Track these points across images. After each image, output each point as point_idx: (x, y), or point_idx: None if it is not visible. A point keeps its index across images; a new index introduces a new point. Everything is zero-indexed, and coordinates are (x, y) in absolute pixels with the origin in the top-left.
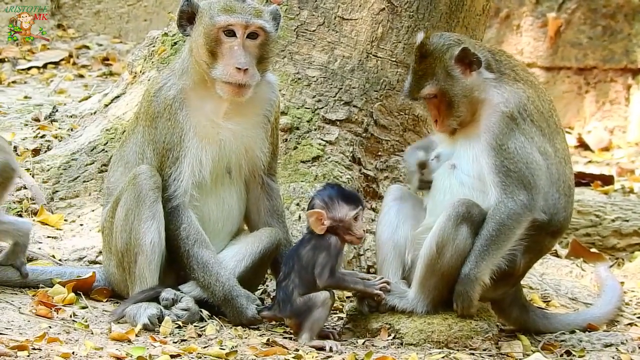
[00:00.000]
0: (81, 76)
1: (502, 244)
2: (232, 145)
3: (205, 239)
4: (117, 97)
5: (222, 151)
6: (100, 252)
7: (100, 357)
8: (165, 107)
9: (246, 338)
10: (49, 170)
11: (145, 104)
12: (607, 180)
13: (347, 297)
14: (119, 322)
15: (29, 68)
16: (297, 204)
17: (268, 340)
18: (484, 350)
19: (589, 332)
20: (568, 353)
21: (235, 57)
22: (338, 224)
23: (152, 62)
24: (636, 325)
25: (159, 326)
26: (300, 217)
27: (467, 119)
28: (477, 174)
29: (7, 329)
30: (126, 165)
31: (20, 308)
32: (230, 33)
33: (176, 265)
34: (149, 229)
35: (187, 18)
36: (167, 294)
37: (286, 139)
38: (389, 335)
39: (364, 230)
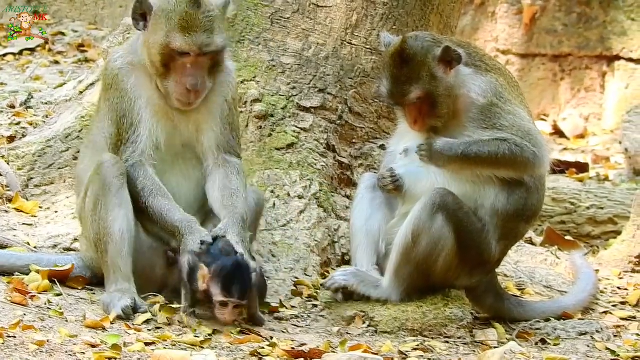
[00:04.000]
0: (57, 62)
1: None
2: (183, 122)
3: (162, 189)
4: (92, 84)
5: (176, 128)
6: (76, 239)
7: (74, 344)
8: (112, 77)
9: (220, 326)
10: (24, 157)
11: (101, 82)
12: (582, 167)
13: (322, 285)
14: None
15: (5, 55)
16: (272, 192)
17: (242, 329)
18: (459, 338)
19: (564, 320)
20: (543, 341)
21: (187, 77)
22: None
23: None
24: (611, 313)
25: (134, 317)
26: (274, 204)
27: (448, 115)
28: None
29: None
30: (94, 148)
31: None
32: (185, 53)
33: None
34: (117, 217)
35: (141, 14)
36: None
37: (261, 127)
38: (364, 323)
39: (233, 321)
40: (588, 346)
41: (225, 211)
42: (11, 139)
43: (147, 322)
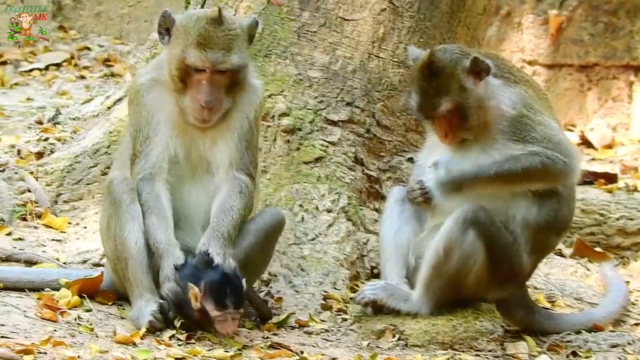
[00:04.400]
0: (83, 77)
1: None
2: (201, 137)
3: (160, 207)
4: (120, 99)
5: (194, 142)
6: (104, 255)
7: None
8: (135, 92)
9: (250, 340)
10: (52, 173)
11: (128, 98)
12: (610, 178)
13: (351, 299)
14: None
15: (31, 70)
16: (300, 205)
17: (272, 343)
18: (489, 351)
19: (595, 332)
20: (574, 354)
21: (202, 93)
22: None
23: None
24: None
25: (163, 322)
26: (303, 218)
27: (479, 127)
28: None
29: (12, 332)
30: (122, 162)
31: (25, 311)
32: (200, 69)
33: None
34: (131, 231)
35: (165, 29)
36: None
37: (288, 140)
38: (394, 337)
39: (229, 332)
40: (619, 358)
41: (210, 226)
42: (39, 155)
43: (173, 337)
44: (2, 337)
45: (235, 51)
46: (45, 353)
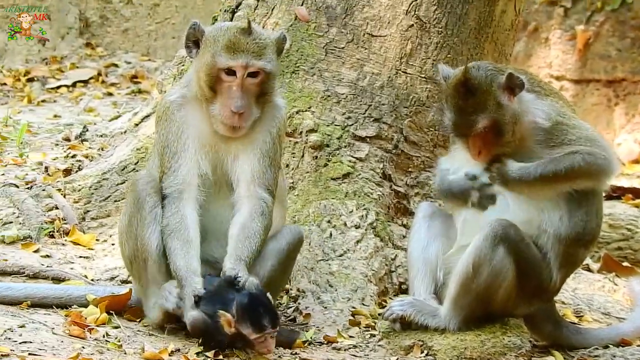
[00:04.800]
0: (110, 94)
1: (563, 177)
2: (226, 151)
3: (184, 231)
4: (147, 116)
5: (220, 157)
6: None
7: None
8: (164, 109)
9: (279, 357)
10: (80, 190)
11: (155, 116)
12: (638, 193)
13: (379, 315)
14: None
15: (59, 87)
16: (328, 221)
17: (301, 359)
18: None
19: (623, 347)
20: None
21: (232, 99)
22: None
23: None
24: None
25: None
26: (331, 234)
27: (513, 143)
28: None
29: (40, 349)
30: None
31: (53, 328)
32: (231, 72)
33: None
34: (153, 233)
35: (194, 41)
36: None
37: (316, 156)
38: (422, 352)
39: (269, 350)
40: None
41: (233, 251)
42: (67, 172)
43: (201, 354)
44: (30, 354)
45: (265, 57)
46: None
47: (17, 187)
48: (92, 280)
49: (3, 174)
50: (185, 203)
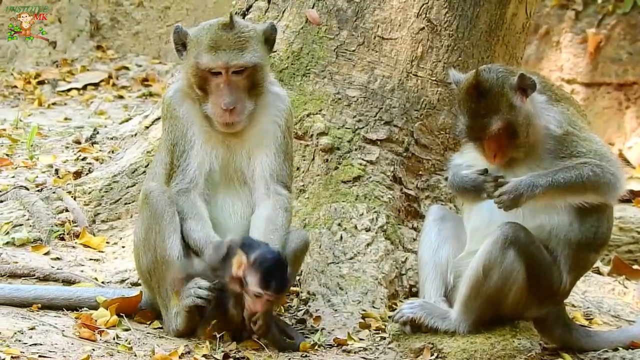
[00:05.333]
0: (121, 97)
1: (572, 188)
2: (237, 147)
3: (199, 212)
4: (158, 118)
5: (230, 153)
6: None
7: None
8: (167, 107)
9: (289, 359)
10: (90, 192)
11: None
12: None
13: (390, 318)
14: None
15: (69, 89)
16: (339, 224)
17: None
18: None
19: (633, 349)
20: None
21: (221, 97)
22: (245, 284)
23: None
24: None
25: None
26: (341, 237)
27: (527, 146)
28: None
29: (50, 351)
30: (155, 174)
31: (63, 331)
32: (216, 71)
33: None
34: (174, 243)
35: (182, 44)
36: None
37: (327, 159)
38: (432, 355)
39: (257, 314)
40: None
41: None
42: (77, 174)
43: (214, 356)
44: (40, 356)
45: (248, 51)
46: None
47: (28, 189)
48: (102, 282)
49: (13, 177)
50: (194, 195)
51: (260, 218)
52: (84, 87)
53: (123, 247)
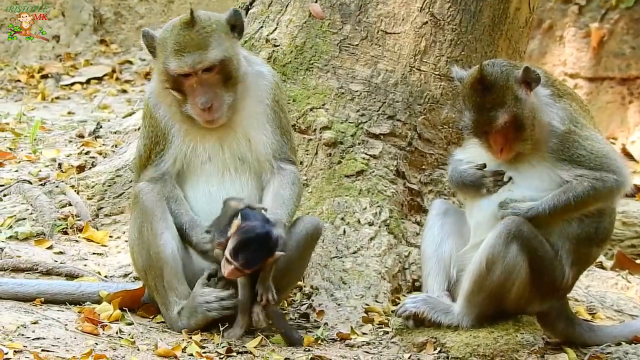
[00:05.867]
0: (124, 91)
1: (574, 207)
2: (231, 134)
3: (181, 199)
4: None
5: (220, 143)
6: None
7: None
8: (146, 107)
9: (292, 353)
10: (93, 186)
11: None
12: None
13: (393, 312)
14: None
15: (72, 84)
16: (342, 219)
17: (314, 356)
18: None
19: (636, 344)
20: None
21: (197, 97)
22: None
23: None
24: None
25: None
26: (345, 231)
27: (532, 140)
28: (541, 188)
29: (53, 345)
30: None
31: (66, 325)
32: (186, 74)
33: None
34: (167, 240)
35: (153, 47)
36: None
37: (330, 154)
38: (435, 349)
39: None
40: None
41: (274, 216)
42: (80, 168)
43: (217, 350)
44: (43, 350)
45: (212, 47)
46: None
47: (31, 183)
48: (105, 276)
49: (17, 171)
50: (172, 182)
51: (268, 195)
52: (88, 81)
53: (126, 241)
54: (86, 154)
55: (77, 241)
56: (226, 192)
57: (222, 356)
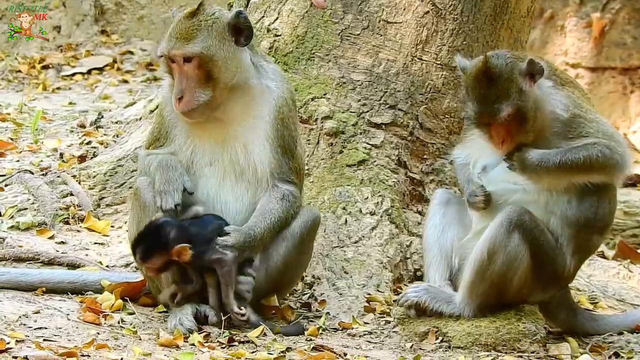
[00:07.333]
0: (125, 82)
1: (581, 168)
2: (231, 140)
3: (166, 160)
4: None
5: (224, 144)
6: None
7: None
8: (159, 102)
9: (294, 343)
10: (95, 176)
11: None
12: None
13: (394, 302)
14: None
15: (74, 74)
16: (343, 208)
17: (316, 345)
18: (532, 352)
19: (637, 333)
20: (616, 355)
21: (176, 85)
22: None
23: None
24: None
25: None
26: (346, 221)
27: (534, 131)
28: None
29: (55, 335)
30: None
31: (68, 314)
32: (173, 59)
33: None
34: None
35: None
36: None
37: (332, 144)
38: (437, 339)
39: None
40: None
41: (246, 222)
42: (82, 158)
43: (218, 341)
44: (45, 340)
45: (196, 40)
46: (89, 356)
47: (32, 173)
48: (107, 266)
49: (18, 161)
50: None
51: (257, 209)
52: (89, 72)
53: (127, 230)
54: (87, 144)
55: (78, 231)
56: (224, 199)
57: (224, 345)
